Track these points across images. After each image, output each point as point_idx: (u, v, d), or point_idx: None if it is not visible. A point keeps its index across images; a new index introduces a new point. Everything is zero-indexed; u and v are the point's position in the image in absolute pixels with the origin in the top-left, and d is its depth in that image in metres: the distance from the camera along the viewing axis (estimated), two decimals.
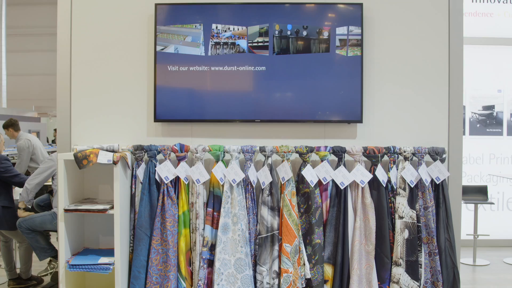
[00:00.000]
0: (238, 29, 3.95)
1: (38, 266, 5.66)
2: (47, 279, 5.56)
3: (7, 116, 11.81)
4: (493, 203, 7.06)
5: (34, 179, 5.10)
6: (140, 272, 3.76)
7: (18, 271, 5.58)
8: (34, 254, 5.35)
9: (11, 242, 5.60)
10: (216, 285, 3.67)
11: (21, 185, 5.25)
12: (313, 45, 3.94)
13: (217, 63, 3.96)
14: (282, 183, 3.79)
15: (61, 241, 3.71)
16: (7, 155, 8.20)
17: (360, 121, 3.96)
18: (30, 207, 5.42)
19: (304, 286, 3.73)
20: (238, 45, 3.95)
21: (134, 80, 4.07)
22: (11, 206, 5.27)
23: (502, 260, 6.83)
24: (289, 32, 3.94)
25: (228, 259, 3.70)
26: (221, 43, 3.96)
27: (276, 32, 3.94)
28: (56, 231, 5.05)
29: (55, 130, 12.94)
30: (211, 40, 3.96)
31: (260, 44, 3.95)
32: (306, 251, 3.78)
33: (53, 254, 5.09)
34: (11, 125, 7.18)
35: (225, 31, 3.95)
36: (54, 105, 4.18)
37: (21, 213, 5.19)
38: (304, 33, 3.93)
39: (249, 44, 3.96)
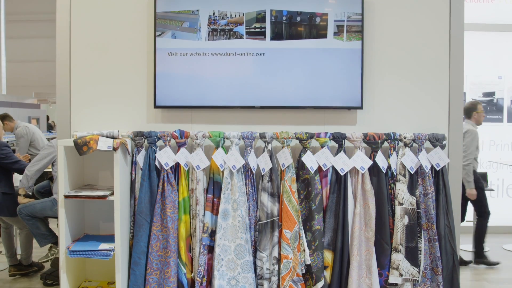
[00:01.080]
0: (235, 15, 3.93)
1: (38, 252, 5.67)
2: (47, 265, 5.58)
3: (7, 103, 11.79)
4: (493, 190, 7.08)
5: (34, 166, 5.10)
6: (140, 258, 3.77)
7: (19, 257, 5.61)
8: (34, 241, 5.37)
9: (12, 229, 5.62)
10: (216, 271, 3.68)
11: (21, 171, 5.26)
12: (312, 30, 3.92)
13: (217, 49, 3.94)
14: (282, 169, 3.79)
15: (62, 227, 3.71)
16: (7, 141, 8.20)
17: (360, 108, 3.95)
18: (30, 193, 5.43)
19: (304, 272, 3.74)
20: (237, 31, 3.93)
21: (134, 66, 4.05)
22: (11, 193, 5.28)
23: (501, 247, 6.86)
24: (285, 18, 3.92)
25: (228, 245, 3.71)
26: (219, 30, 3.94)
27: (273, 18, 3.92)
28: (56, 217, 5.06)
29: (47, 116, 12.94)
30: (208, 26, 3.94)
31: (257, 30, 3.93)
32: (306, 237, 3.78)
33: (54, 240, 5.11)
34: (3, 118, 7.11)
35: (222, 17, 3.93)
36: (54, 91, 4.17)
37: (21, 199, 5.20)
38: (301, 18, 3.91)
39: (247, 30, 3.94)
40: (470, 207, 6.80)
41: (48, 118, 13.15)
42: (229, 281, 3.69)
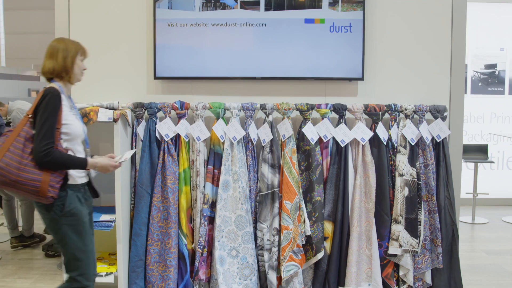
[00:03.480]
0: None
1: (40, 224, 5.69)
2: (49, 236, 5.61)
3: (6, 75, 11.75)
4: (493, 162, 7.09)
5: None
6: (141, 229, 3.79)
7: (20, 229, 5.64)
8: (36, 212, 5.40)
9: (13, 200, 5.63)
10: (217, 242, 3.70)
11: None
12: (311, 0, 3.88)
13: (217, 20, 3.90)
14: (283, 140, 3.78)
15: None
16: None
17: (361, 79, 3.93)
18: None
19: (304, 243, 3.76)
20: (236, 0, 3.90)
21: (134, 37, 4.02)
22: None
23: (500, 219, 6.88)
24: None
25: (229, 216, 3.72)
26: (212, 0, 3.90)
27: None
28: None
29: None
30: None
31: None
32: (306, 209, 3.80)
33: None
34: None
35: None
36: None
37: None
38: None
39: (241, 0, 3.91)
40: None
41: None
42: (229, 252, 3.71)
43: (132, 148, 3.86)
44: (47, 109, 2.71)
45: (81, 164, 2.82)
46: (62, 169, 2.77)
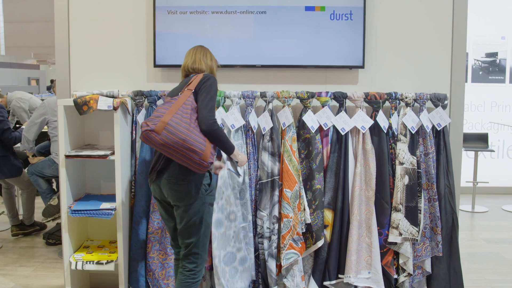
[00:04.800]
0: None
1: (41, 212, 5.71)
2: (50, 225, 5.63)
3: (6, 64, 11.72)
4: (493, 151, 7.10)
5: (31, 128, 5.10)
6: (141, 217, 3.80)
7: (21, 217, 5.66)
8: (36, 201, 5.42)
9: (13, 189, 5.65)
10: (215, 204, 3.65)
11: (8, 140, 5.23)
12: None
13: (217, 7, 3.88)
14: (283, 128, 3.78)
15: (63, 187, 3.72)
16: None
17: (362, 67, 3.91)
18: (34, 154, 5.46)
19: (304, 231, 3.77)
20: None
21: (133, 25, 4.00)
22: (6, 155, 5.29)
23: (500, 207, 6.90)
24: None
25: (228, 194, 3.69)
26: None
27: None
28: (54, 176, 5.10)
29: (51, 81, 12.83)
30: None
31: None
32: (307, 197, 3.80)
33: (54, 195, 5.12)
34: None
35: None
36: (53, 52, 4.13)
37: (31, 160, 5.28)
38: None
39: None
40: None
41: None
42: (228, 215, 3.64)
43: (132, 136, 3.86)
44: (213, 89, 3.05)
45: (231, 147, 3.16)
46: (219, 144, 3.04)
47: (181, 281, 3.14)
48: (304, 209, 3.75)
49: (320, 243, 3.76)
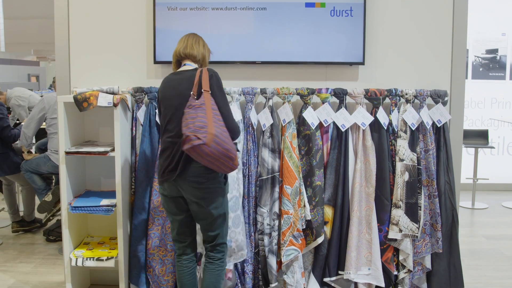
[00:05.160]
0: None
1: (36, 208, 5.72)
2: (50, 222, 5.64)
3: (6, 60, 11.70)
4: (493, 147, 7.10)
5: (30, 124, 5.10)
6: (141, 214, 3.80)
7: (21, 214, 5.66)
8: (37, 197, 5.42)
9: (13, 185, 5.65)
10: None
11: (7, 138, 5.24)
12: None
13: (217, 4, 3.88)
14: (283, 125, 3.78)
15: (63, 183, 3.72)
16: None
17: (362, 63, 3.91)
18: (32, 151, 5.46)
19: (304, 227, 3.77)
20: None
21: (133, 21, 4.00)
22: (5, 152, 5.29)
23: (500, 204, 6.91)
24: None
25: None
26: None
27: None
28: (50, 173, 5.10)
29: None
30: None
31: None
32: (307, 193, 3.80)
33: (48, 192, 5.11)
34: None
35: None
36: (53, 48, 4.12)
37: (25, 156, 5.27)
38: None
39: None
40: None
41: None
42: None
43: (132, 133, 3.86)
44: (222, 87, 3.13)
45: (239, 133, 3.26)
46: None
47: (212, 270, 3.20)
48: (304, 206, 3.75)
49: (320, 240, 3.76)
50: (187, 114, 2.90)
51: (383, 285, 3.78)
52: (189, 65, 3.20)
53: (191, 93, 2.99)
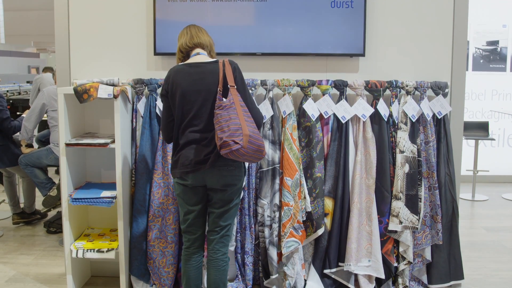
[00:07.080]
0: None
1: (41, 201, 5.72)
2: (51, 213, 5.65)
3: (6, 52, 11.69)
4: (493, 139, 7.10)
5: (31, 117, 5.10)
6: (142, 206, 3.80)
7: (22, 205, 5.67)
8: (37, 189, 5.43)
9: (14, 177, 5.66)
10: None
11: (7, 129, 5.23)
12: None
13: None
14: (283, 117, 3.77)
15: (63, 175, 3.72)
16: (7, 91, 8.12)
17: (363, 55, 3.90)
18: (31, 144, 5.46)
19: (304, 219, 3.77)
20: None
21: (133, 13, 3.98)
22: (5, 144, 5.29)
23: (500, 196, 6.91)
24: None
25: None
26: None
27: None
28: (52, 165, 5.10)
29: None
30: None
31: None
32: (307, 185, 3.80)
33: (53, 186, 5.12)
34: None
35: None
36: (53, 40, 4.12)
37: (24, 149, 5.26)
38: None
39: None
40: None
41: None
42: None
43: (132, 125, 3.86)
44: (244, 80, 3.12)
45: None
46: None
47: (219, 267, 3.20)
48: (305, 197, 3.75)
49: (320, 231, 3.77)
50: (219, 116, 2.89)
51: (383, 276, 3.79)
52: (203, 54, 3.17)
53: (218, 89, 2.98)
